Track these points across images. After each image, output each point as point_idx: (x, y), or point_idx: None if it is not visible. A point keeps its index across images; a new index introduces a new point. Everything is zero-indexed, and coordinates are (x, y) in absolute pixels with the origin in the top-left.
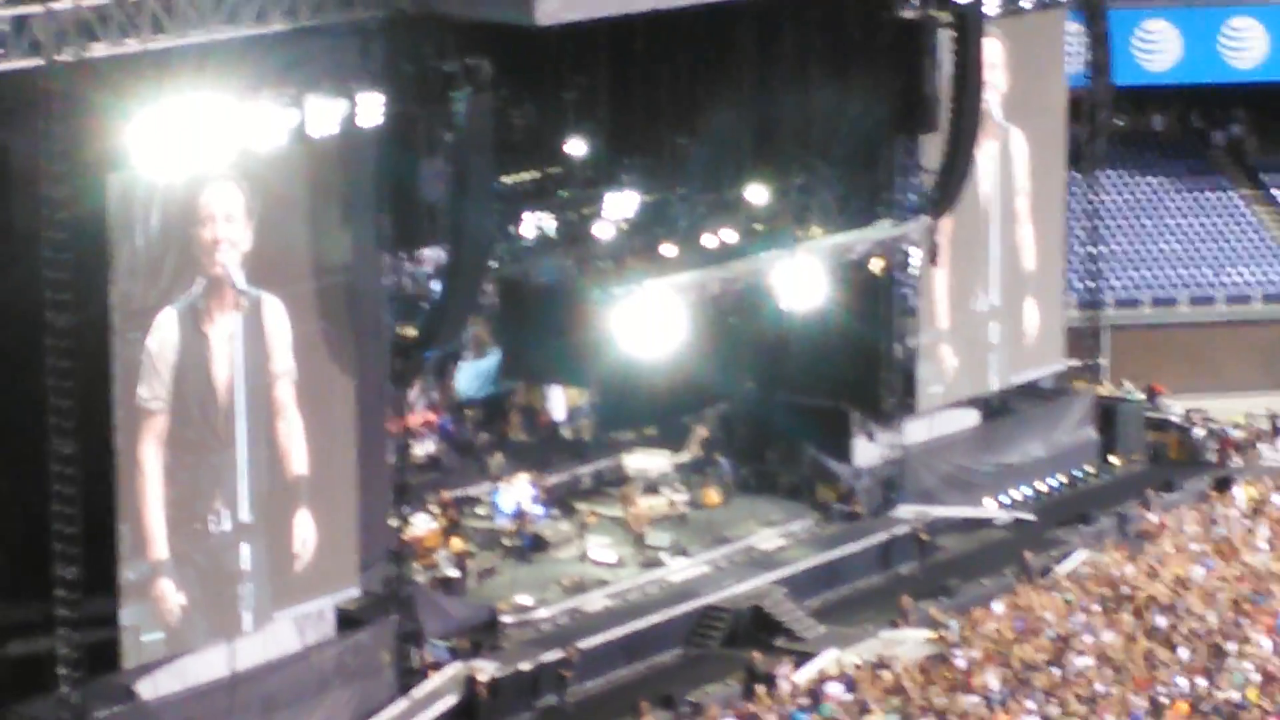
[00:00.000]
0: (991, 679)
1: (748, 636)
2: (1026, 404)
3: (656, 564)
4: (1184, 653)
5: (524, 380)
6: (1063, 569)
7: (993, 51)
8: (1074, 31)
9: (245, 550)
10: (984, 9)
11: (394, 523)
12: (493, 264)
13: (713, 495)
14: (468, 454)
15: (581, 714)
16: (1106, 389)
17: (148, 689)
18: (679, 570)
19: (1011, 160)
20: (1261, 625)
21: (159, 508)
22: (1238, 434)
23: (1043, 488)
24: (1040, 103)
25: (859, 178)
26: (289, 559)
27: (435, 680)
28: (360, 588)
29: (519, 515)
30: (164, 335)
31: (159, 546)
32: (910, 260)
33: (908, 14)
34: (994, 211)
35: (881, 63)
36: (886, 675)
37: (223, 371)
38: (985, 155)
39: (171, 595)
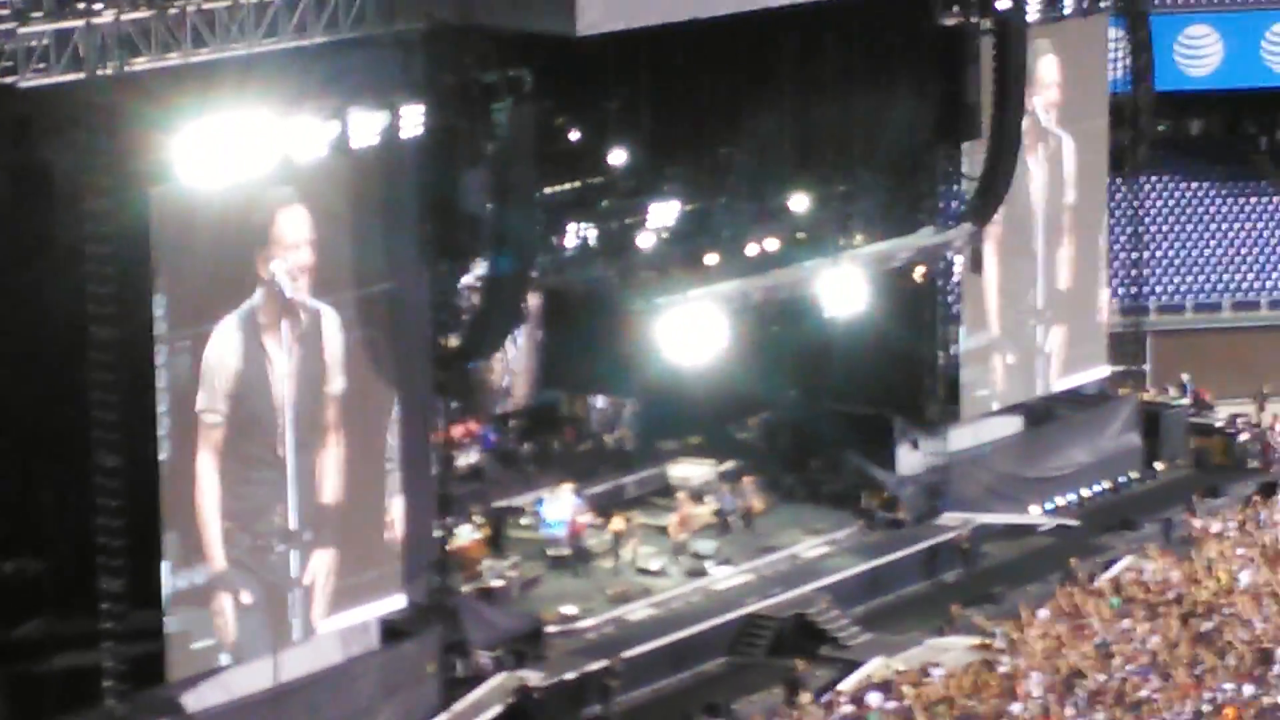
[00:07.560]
0: (1037, 686)
1: (792, 645)
2: (1070, 410)
3: (700, 573)
4: (1231, 658)
5: (567, 391)
6: (1108, 575)
7: (1035, 57)
8: (1116, 37)
9: (294, 558)
10: (1025, 16)
11: (438, 533)
12: (535, 274)
13: (756, 504)
14: (511, 464)
15: None
16: (1150, 394)
17: (193, 701)
18: (723, 579)
19: (1057, 166)
20: None
21: (212, 515)
22: None
23: (1087, 494)
24: (1083, 108)
25: (901, 185)
26: (336, 567)
27: (480, 691)
28: (405, 599)
29: (563, 525)
30: (223, 345)
31: (211, 554)
32: (953, 267)
33: (949, 21)
34: (1040, 217)
35: (923, 70)
36: (932, 683)
37: (280, 382)
38: (1031, 161)
39: (223, 602)
